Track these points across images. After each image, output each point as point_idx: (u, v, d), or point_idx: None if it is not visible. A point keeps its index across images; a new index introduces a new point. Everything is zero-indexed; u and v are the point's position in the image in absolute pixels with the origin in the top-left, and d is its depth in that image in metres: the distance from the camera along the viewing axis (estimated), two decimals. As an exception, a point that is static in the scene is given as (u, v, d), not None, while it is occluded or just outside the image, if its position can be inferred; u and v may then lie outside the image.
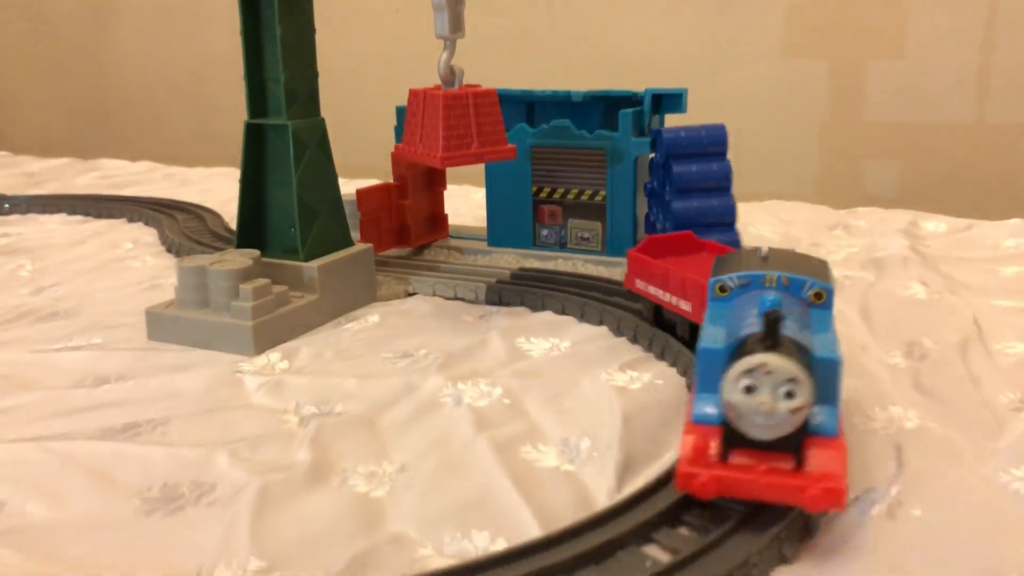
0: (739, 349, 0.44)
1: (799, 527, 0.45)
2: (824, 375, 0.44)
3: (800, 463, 0.43)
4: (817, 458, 0.43)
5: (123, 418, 0.60)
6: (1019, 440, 0.54)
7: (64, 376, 0.68)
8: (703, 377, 0.46)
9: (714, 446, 0.44)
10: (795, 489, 0.43)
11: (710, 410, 0.45)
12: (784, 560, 0.44)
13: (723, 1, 1.43)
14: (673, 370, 0.66)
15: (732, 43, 1.45)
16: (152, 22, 1.96)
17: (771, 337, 0.43)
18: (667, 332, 0.69)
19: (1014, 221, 1.07)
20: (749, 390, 0.43)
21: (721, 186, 0.82)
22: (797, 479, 0.43)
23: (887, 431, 0.56)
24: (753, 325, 0.45)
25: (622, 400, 0.60)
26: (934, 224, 1.09)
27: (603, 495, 0.49)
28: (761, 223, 1.12)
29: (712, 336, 0.47)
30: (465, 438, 0.56)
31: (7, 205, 1.28)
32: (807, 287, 0.50)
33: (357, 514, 0.48)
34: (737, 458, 0.44)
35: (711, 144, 0.82)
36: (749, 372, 0.42)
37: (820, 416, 0.44)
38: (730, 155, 0.84)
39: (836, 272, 0.88)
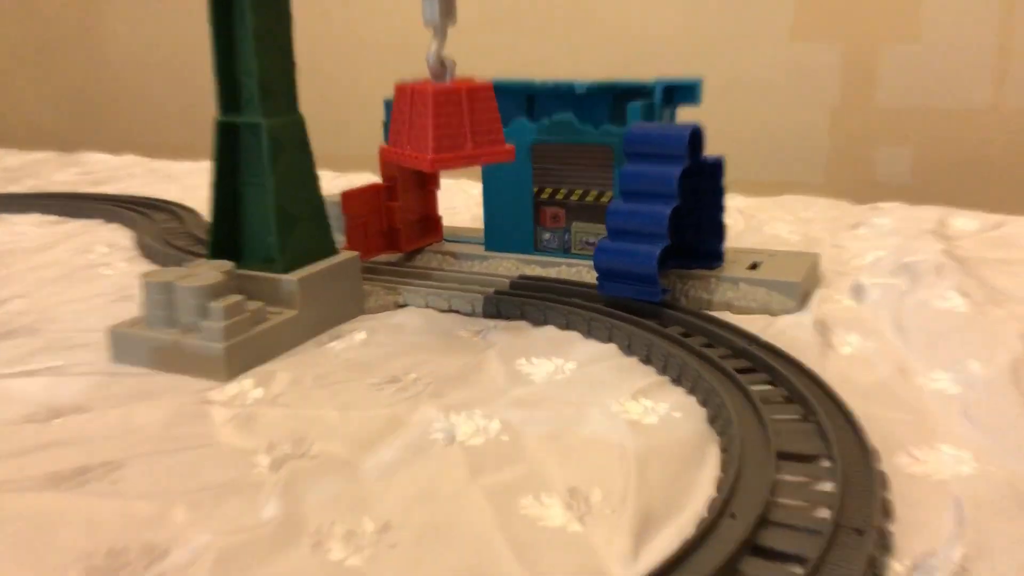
0: None
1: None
2: None
3: None
4: None
5: (73, 461, 0.53)
6: (1092, 487, 0.48)
7: (14, 407, 0.61)
8: None
9: None
10: None
11: None
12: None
13: (733, -18, 1.37)
14: (692, 399, 0.59)
15: (740, 25, 1.38)
16: (142, 9, 1.89)
17: None
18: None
19: (1049, 217, 1.00)
20: None
21: (663, 192, 0.72)
22: None
23: (939, 477, 0.49)
24: None
25: (636, 439, 0.53)
26: (963, 221, 1.02)
27: (617, 564, 0.42)
28: (776, 221, 1.05)
29: None
30: (458, 486, 0.49)
31: (-22, 205, 1.21)
32: None
33: (331, 588, 0.42)
34: None
35: (669, 146, 0.72)
36: None
37: None
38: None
39: (864, 279, 0.81)
